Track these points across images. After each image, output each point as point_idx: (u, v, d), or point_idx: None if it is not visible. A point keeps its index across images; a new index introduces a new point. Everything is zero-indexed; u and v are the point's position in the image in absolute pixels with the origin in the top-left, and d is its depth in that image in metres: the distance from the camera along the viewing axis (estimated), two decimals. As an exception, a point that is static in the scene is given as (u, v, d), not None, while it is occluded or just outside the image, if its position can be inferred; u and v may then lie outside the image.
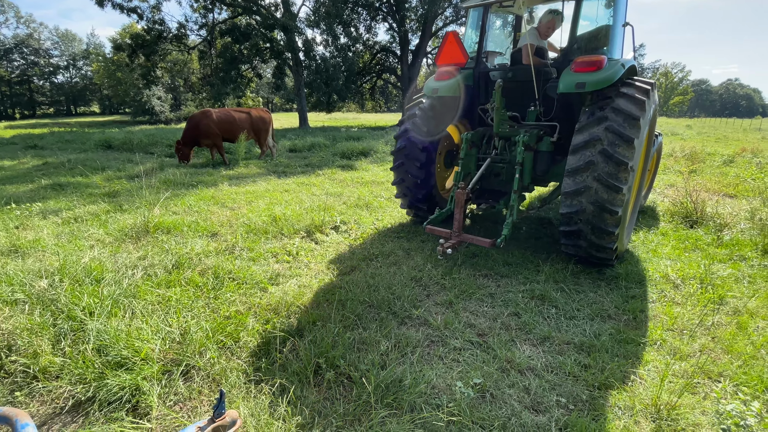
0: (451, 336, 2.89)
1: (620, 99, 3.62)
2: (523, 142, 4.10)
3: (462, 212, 4.04)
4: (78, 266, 3.61)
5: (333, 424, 2.07)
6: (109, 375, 2.35)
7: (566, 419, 2.13)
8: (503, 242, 3.72)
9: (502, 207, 4.48)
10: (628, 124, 3.48)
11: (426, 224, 4.23)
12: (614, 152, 3.45)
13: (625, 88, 3.71)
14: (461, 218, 4.04)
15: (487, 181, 4.76)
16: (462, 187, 4.12)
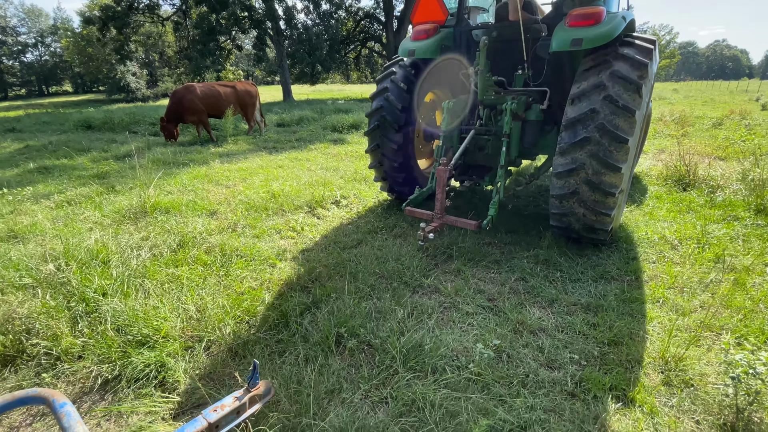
0: (462, 302, 2.97)
1: (620, 62, 3.18)
2: (511, 110, 3.74)
3: (444, 191, 3.67)
4: (82, 249, 3.55)
5: (361, 388, 2.15)
6: (133, 353, 2.37)
7: (580, 374, 2.24)
8: (490, 224, 3.45)
9: (488, 184, 4.23)
10: (629, 94, 3.09)
11: (405, 206, 3.88)
12: (614, 128, 3.06)
13: (626, 49, 3.26)
14: (443, 198, 3.67)
15: (471, 156, 4.33)
16: (443, 164, 3.69)
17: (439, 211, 3.68)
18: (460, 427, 1.86)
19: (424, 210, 3.78)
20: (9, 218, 4.77)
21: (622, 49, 3.28)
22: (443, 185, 3.66)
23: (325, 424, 1.88)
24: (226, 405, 1.68)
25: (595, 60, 3.36)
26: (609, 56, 3.29)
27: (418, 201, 4.03)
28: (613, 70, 3.17)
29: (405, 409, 2.02)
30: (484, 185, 4.28)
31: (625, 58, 3.22)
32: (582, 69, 3.41)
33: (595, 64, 3.33)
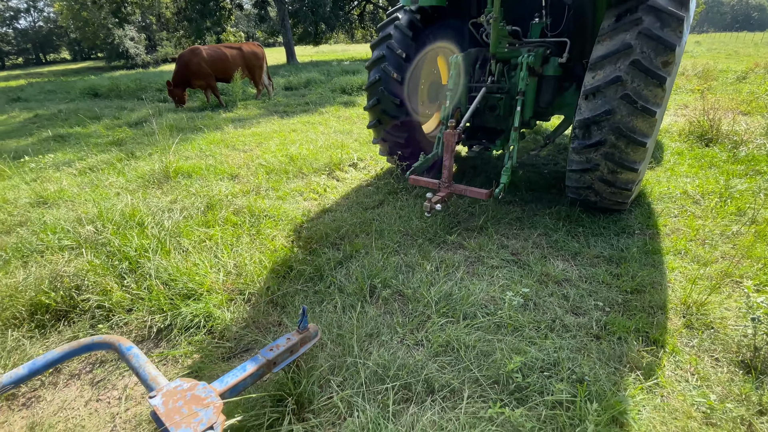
0: (487, 256, 3.07)
1: (650, 17, 2.80)
2: (527, 64, 3.44)
3: (452, 157, 3.39)
4: (115, 212, 3.68)
5: (398, 332, 2.30)
6: (181, 305, 2.53)
7: (605, 319, 2.36)
8: (502, 192, 3.22)
9: (499, 148, 3.91)
10: (661, 57, 2.70)
11: (409, 174, 3.61)
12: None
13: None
14: (451, 165, 3.39)
15: (481, 117, 4.00)
16: (451, 126, 3.39)
17: (447, 180, 3.40)
18: (495, 364, 2.01)
19: (429, 178, 3.53)
20: (35, 185, 4.89)
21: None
22: (451, 150, 3.37)
23: (369, 362, 2.04)
24: (280, 345, 1.82)
25: (621, 10, 2.95)
26: (638, 8, 2.86)
27: (423, 168, 3.76)
28: (643, 28, 2.76)
29: (441, 349, 2.17)
30: (495, 150, 3.97)
31: (657, 11, 2.78)
32: (606, 23, 3.01)
33: (621, 16, 2.93)
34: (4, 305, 2.52)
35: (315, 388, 1.89)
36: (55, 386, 2.15)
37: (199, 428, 1.41)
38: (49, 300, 2.55)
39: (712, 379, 1.98)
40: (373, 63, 4.14)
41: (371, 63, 4.15)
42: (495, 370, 1.98)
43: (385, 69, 3.98)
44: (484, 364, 2.03)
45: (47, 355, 1.84)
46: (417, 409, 1.85)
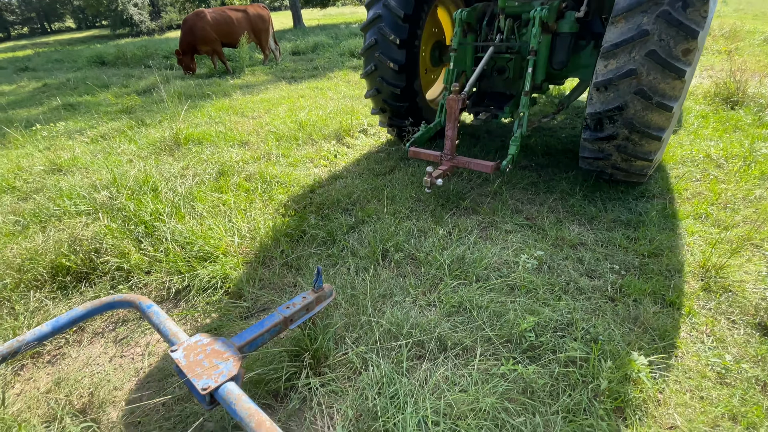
0: (501, 221, 3.03)
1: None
2: (541, 19, 3.13)
3: (455, 126, 3.09)
4: (129, 178, 3.70)
5: (411, 293, 2.32)
6: (198, 267, 2.58)
7: (620, 282, 2.34)
8: (510, 165, 2.98)
9: (508, 116, 3.54)
10: (694, 6, 2.39)
11: (408, 146, 3.35)
12: (669, 55, 2.42)
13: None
14: (454, 134, 3.09)
15: (489, 81, 3.72)
16: (455, 91, 3.05)
17: (449, 151, 3.11)
18: (507, 324, 2.02)
19: (430, 150, 3.27)
20: (48, 153, 4.93)
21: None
22: (455, 119, 3.06)
23: (382, 321, 2.07)
24: (296, 303, 1.85)
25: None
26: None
27: (424, 139, 3.49)
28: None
29: (453, 309, 2.19)
30: (504, 117, 3.58)
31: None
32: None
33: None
34: (25, 268, 2.59)
35: (330, 344, 1.93)
36: (80, 344, 2.24)
37: (220, 379, 1.46)
38: (69, 262, 2.61)
39: (728, 340, 1.97)
40: (368, 24, 3.79)
41: (366, 24, 3.82)
42: (508, 330, 1.99)
43: (382, 31, 3.63)
44: (496, 324, 2.04)
45: (70, 313, 1.90)
46: (430, 366, 1.89)
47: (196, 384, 1.43)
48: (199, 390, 1.41)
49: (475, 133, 4.85)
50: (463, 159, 3.11)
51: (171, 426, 1.74)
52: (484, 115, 3.66)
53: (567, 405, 1.64)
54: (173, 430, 1.72)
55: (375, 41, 3.73)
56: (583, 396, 1.64)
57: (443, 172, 3.02)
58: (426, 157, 3.26)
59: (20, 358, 2.11)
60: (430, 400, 1.69)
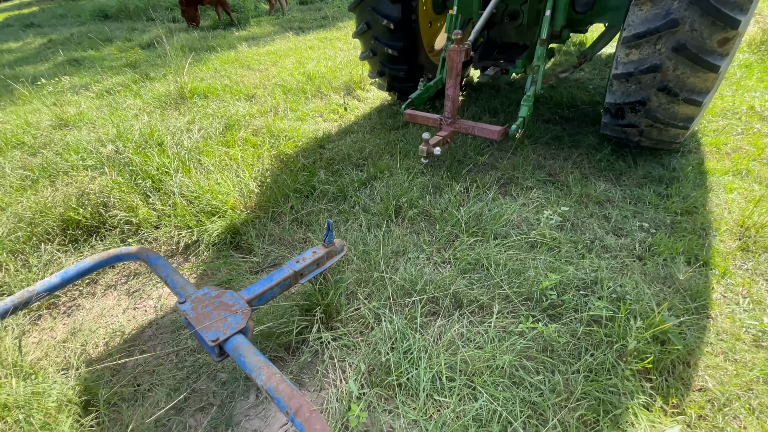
0: (521, 177, 2.86)
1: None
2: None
3: (457, 83, 2.64)
4: (134, 132, 3.60)
5: (425, 250, 2.22)
6: (206, 222, 2.52)
7: (650, 240, 2.19)
8: (521, 129, 2.57)
9: (520, 70, 3.03)
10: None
11: (404, 107, 2.92)
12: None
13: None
14: (456, 94, 2.65)
15: (498, 30, 3.25)
16: (457, 40, 2.58)
17: (450, 114, 2.68)
18: (527, 282, 1.92)
19: (429, 113, 2.85)
20: (55, 109, 4.83)
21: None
22: (456, 74, 2.60)
23: (395, 277, 1.99)
24: (306, 258, 1.78)
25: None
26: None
27: (423, 99, 3.01)
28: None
29: (469, 267, 2.09)
30: (515, 72, 3.09)
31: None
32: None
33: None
34: (36, 221, 2.57)
35: (342, 299, 1.88)
36: (94, 296, 2.24)
37: (228, 332, 1.41)
38: (78, 216, 2.58)
39: (766, 302, 1.84)
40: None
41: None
42: (527, 288, 1.90)
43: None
44: (515, 282, 1.95)
45: (78, 265, 1.86)
46: (444, 322, 1.82)
47: (205, 336, 1.39)
48: (208, 342, 1.37)
49: (483, 91, 4.34)
50: (466, 123, 2.71)
51: (184, 376, 1.74)
52: (493, 70, 3.14)
53: (589, 364, 1.56)
54: (186, 379, 1.72)
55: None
56: (608, 356, 1.56)
57: (443, 138, 2.63)
58: (423, 121, 2.85)
59: (37, 308, 2.13)
60: (444, 356, 1.63)
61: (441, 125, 2.76)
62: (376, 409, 1.52)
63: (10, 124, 4.50)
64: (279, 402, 1.19)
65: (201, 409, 1.63)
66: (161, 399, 1.65)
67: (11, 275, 2.23)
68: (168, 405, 1.62)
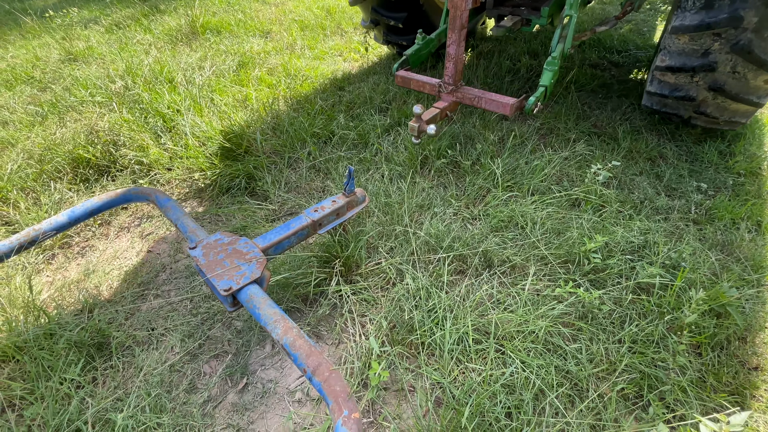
0: (564, 128, 2.57)
1: None
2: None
3: (461, 39, 2.05)
4: (144, 68, 3.38)
5: (453, 204, 2.04)
6: (220, 165, 2.37)
7: (707, 203, 1.95)
8: (541, 101, 2.03)
9: (545, 21, 2.40)
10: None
11: (396, 67, 2.38)
12: None
13: None
14: (460, 52, 2.08)
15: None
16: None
17: (452, 79, 2.13)
18: (567, 243, 1.74)
19: (426, 77, 2.28)
20: (64, 43, 4.60)
21: None
22: (461, 25, 2.00)
23: (420, 232, 1.84)
24: (325, 207, 1.63)
25: None
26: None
27: (421, 57, 2.46)
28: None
29: (502, 224, 1.91)
30: (539, 24, 2.45)
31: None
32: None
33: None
34: (45, 158, 2.46)
35: (363, 253, 1.74)
36: (107, 237, 2.17)
37: (242, 281, 1.30)
38: (88, 155, 2.46)
39: (840, 277, 1.63)
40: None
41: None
42: (567, 249, 1.72)
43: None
44: (554, 243, 1.77)
45: (85, 204, 1.76)
46: (472, 282, 1.69)
47: (217, 285, 1.29)
48: (221, 291, 1.27)
49: (497, 49, 3.45)
50: (471, 92, 2.12)
51: (199, 322, 1.68)
52: (511, 20, 2.48)
53: (634, 335, 1.42)
54: (201, 326, 1.66)
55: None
56: (657, 328, 1.41)
57: (441, 111, 2.09)
58: (419, 87, 2.27)
59: (50, 247, 2.08)
60: (471, 317, 1.51)
61: (440, 93, 2.22)
62: (398, 368, 1.44)
63: (19, 58, 4.32)
64: (296, 359, 1.09)
65: (216, 356, 1.57)
66: (175, 344, 1.60)
67: (22, 213, 2.16)
68: (182, 351, 1.57)
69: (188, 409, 1.39)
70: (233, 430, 1.36)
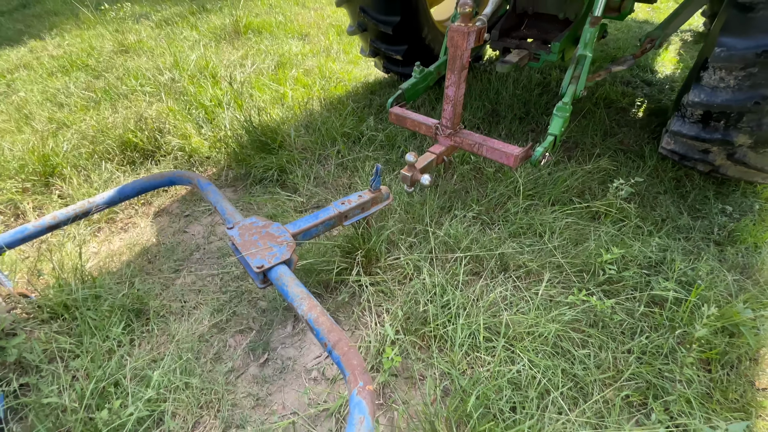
0: (590, 143, 2.60)
1: None
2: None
3: (463, 80, 1.85)
4: (189, 63, 3.60)
5: (474, 208, 2.11)
6: (255, 157, 2.51)
7: (731, 226, 1.95)
8: (549, 153, 1.84)
9: (556, 57, 2.19)
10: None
11: (391, 102, 2.18)
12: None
13: None
14: (460, 94, 1.88)
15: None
16: (465, 15, 1.70)
17: (450, 122, 1.93)
18: (584, 253, 1.78)
19: (422, 117, 2.07)
20: (117, 35, 4.93)
21: None
22: (461, 66, 1.79)
23: (439, 232, 1.91)
24: (352, 200, 1.73)
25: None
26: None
27: (418, 91, 2.27)
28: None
29: (520, 231, 1.97)
30: (548, 59, 2.23)
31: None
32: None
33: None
34: (97, 140, 2.68)
35: (383, 247, 1.83)
36: (147, 216, 2.34)
37: (273, 261, 1.41)
38: (136, 139, 2.66)
39: None
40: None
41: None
42: (584, 259, 1.76)
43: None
44: (571, 252, 1.81)
45: (134, 182, 1.93)
46: (487, 283, 1.75)
47: (251, 262, 1.40)
48: (254, 268, 1.38)
49: (503, 85, 3.09)
50: (472, 136, 1.92)
51: (227, 299, 1.80)
52: (518, 54, 2.23)
53: (644, 347, 1.45)
54: (229, 303, 1.78)
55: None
56: (667, 340, 1.43)
57: (437, 157, 1.89)
58: (414, 127, 2.08)
59: (97, 221, 2.26)
60: (484, 316, 1.57)
61: (436, 135, 2.01)
62: (410, 356, 1.51)
63: (75, 47, 4.66)
64: (318, 333, 1.19)
65: (241, 331, 1.69)
66: (205, 317, 1.72)
67: (74, 188, 2.36)
68: (210, 324, 1.70)
69: (213, 376, 1.51)
70: (253, 399, 1.47)
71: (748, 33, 1.60)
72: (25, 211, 2.29)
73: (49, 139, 2.67)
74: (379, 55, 3.01)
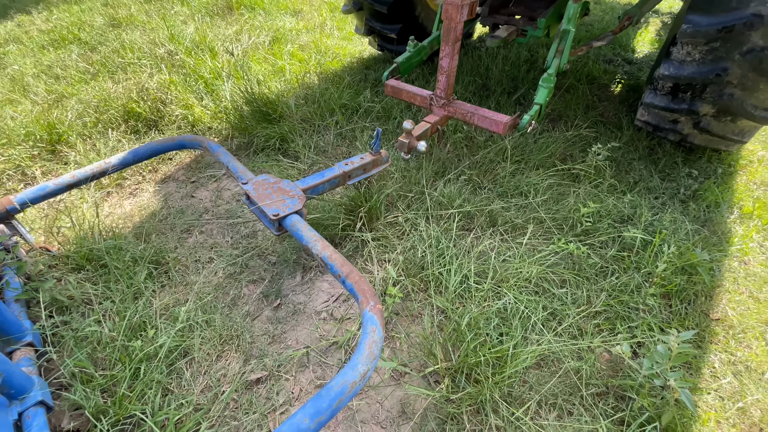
0: (573, 115, 2.77)
1: None
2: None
3: (456, 52, 1.99)
4: (185, 37, 3.64)
5: (465, 173, 2.28)
6: (257, 127, 2.62)
7: (696, 186, 2.16)
8: (535, 121, 2.02)
9: (542, 32, 2.39)
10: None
11: (386, 76, 2.34)
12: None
13: None
14: (453, 65, 2.03)
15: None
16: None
17: (444, 92, 2.08)
18: (565, 209, 1.97)
19: (417, 88, 2.23)
20: (105, 10, 4.87)
21: None
22: (455, 38, 1.92)
23: (434, 192, 2.08)
24: (354, 162, 1.87)
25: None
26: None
27: (412, 65, 2.41)
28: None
29: (508, 191, 2.15)
30: (534, 35, 2.42)
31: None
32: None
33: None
34: (101, 109, 2.74)
35: (383, 207, 1.99)
36: (155, 182, 2.45)
37: (287, 210, 1.56)
38: (139, 109, 2.73)
39: (804, 254, 1.84)
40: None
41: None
42: (564, 214, 1.95)
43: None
44: (552, 208, 2.00)
45: (148, 145, 2.03)
46: (477, 236, 1.93)
47: (267, 211, 1.55)
48: (270, 216, 1.53)
49: (492, 59, 3.28)
50: (464, 107, 2.08)
51: (239, 254, 1.94)
52: (506, 29, 2.43)
53: (614, 285, 1.65)
54: (241, 257, 1.93)
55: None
56: (634, 279, 1.64)
57: (431, 126, 2.05)
58: (409, 99, 2.23)
59: (107, 185, 2.36)
60: (474, 264, 1.75)
61: (431, 106, 2.17)
62: (410, 295, 1.69)
63: (64, 20, 4.59)
64: (332, 267, 1.35)
65: (253, 281, 1.84)
66: (219, 269, 1.87)
67: (80, 155, 2.44)
68: (225, 275, 1.84)
69: (232, 318, 1.67)
70: (269, 336, 1.63)
71: (711, 11, 1.79)
72: (35, 177, 2.37)
73: (52, 109, 2.73)
74: (373, 33, 3.13)
